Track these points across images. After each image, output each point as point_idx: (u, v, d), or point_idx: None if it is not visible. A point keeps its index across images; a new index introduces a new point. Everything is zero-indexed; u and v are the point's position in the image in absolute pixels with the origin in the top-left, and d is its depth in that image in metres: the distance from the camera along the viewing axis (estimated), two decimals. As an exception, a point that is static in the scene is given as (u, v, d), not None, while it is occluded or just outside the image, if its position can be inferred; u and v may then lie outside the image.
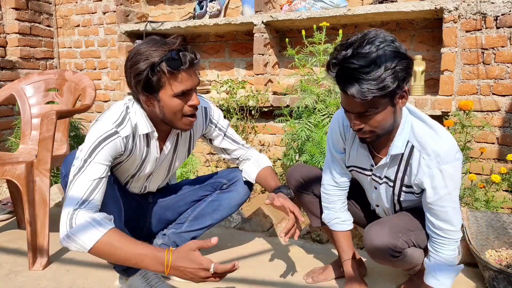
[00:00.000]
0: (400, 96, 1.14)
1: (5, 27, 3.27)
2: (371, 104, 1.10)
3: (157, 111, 1.29)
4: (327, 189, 1.48)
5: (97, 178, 1.20)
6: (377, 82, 1.05)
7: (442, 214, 1.21)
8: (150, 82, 1.21)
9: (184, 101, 1.27)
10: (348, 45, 1.10)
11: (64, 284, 1.60)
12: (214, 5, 2.72)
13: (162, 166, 1.51)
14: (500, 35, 2.10)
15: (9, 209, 2.37)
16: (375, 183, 1.37)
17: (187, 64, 1.22)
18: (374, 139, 1.21)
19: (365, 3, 2.52)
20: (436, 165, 1.17)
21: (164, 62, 1.19)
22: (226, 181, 1.65)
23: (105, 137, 1.23)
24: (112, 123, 1.26)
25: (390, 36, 1.10)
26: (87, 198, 1.17)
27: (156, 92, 1.24)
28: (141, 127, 1.33)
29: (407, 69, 1.09)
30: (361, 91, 1.06)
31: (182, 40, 1.24)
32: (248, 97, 2.56)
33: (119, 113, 1.30)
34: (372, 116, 1.13)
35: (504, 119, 2.14)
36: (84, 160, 1.20)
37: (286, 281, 1.62)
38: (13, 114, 3.25)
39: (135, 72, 1.21)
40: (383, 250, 1.26)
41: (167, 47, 1.20)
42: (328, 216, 1.50)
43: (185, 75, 1.23)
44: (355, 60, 1.06)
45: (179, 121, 1.31)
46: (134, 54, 1.23)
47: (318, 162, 2.00)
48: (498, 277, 1.42)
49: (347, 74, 1.08)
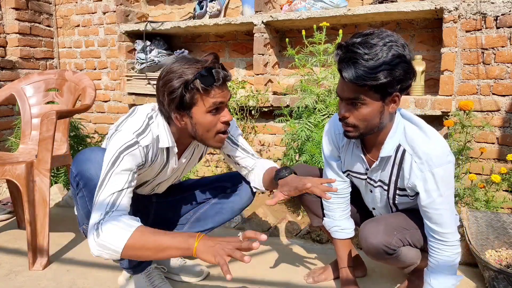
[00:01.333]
0: (392, 99, 1.16)
1: (5, 27, 3.27)
2: (361, 91, 1.13)
3: (189, 129, 1.29)
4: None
5: (118, 190, 1.18)
6: (372, 71, 1.09)
7: (436, 217, 1.21)
8: (184, 99, 1.22)
9: (217, 118, 1.28)
10: (362, 35, 1.14)
11: (64, 284, 1.60)
12: (214, 5, 2.72)
13: (175, 174, 1.53)
14: (500, 35, 2.10)
15: (9, 209, 2.37)
16: (370, 186, 1.38)
17: (220, 81, 1.23)
18: (356, 135, 1.23)
19: (365, 3, 2.52)
20: (428, 168, 1.18)
21: (198, 79, 1.20)
22: (230, 185, 1.63)
23: (126, 147, 1.21)
24: (133, 132, 1.24)
25: (403, 40, 1.14)
26: (110, 209, 1.15)
27: (189, 109, 1.24)
28: (163, 140, 1.32)
29: (405, 73, 1.12)
30: (355, 75, 1.10)
31: (214, 58, 1.25)
32: (248, 97, 2.56)
33: (141, 122, 1.28)
34: (359, 107, 1.16)
35: (504, 119, 2.14)
36: (106, 172, 1.19)
37: (286, 281, 1.62)
38: (13, 114, 3.25)
39: (169, 90, 1.21)
40: (377, 247, 1.27)
41: (200, 65, 1.22)
42: (328, 223, 1.51)
43: (217, 91, 1.23)
44: (360, 46, 1.11)
45: (211, 139, 1.31)
46: (166, 72, 1.23)
47: (318, 162, 2.00)
48: (498, 277, 1.42)
49: (348, 57, 1.12)
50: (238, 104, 2.57)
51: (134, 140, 1.23)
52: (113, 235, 1.10)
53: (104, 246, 1.11)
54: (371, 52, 1.09)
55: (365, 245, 1.30)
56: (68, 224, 2.24)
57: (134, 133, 1.24)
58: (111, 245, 1.10)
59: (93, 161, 1.27)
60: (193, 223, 1.65)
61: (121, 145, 1.21)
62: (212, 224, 1.64)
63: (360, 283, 1.59)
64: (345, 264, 1.50)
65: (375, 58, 1.09)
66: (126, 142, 1.22)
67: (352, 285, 1.48)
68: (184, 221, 1.68)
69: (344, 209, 1.49)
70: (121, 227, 1.11)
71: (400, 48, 1.11)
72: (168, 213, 1.69)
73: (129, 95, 3.05)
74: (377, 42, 1.10)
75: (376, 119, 1.18)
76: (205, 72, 1.20)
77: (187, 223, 1.66)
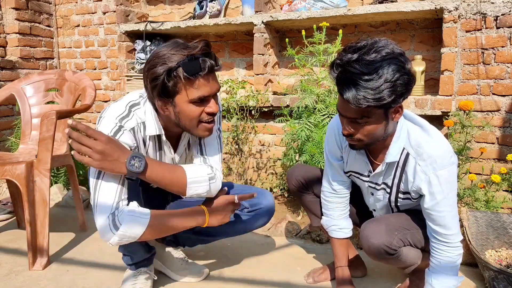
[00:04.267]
0: (395, 110, 1.14)
1: (5, 27, 3.27)
2: (364, 112, 1.10)
3: (172, 117, 1.25)
4: (326, 195, 1.49)
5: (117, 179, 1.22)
6: (374, 92, 1.05)
7: (439, 219, 1.21)
8: (166, 87, 1.17)
9: (201, 108, 1.23)
10: (356, 49, 1.09)
11: (64, 284, 1.60)
12: (214, 5, 2.72)
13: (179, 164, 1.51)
14: (500, 35, 2.10)
15: (9, 209, 2.37)
16: (372, 189, 1.38)
17: (205, 70, 1.17)
18: (361, 147, 1.22)
19: (365, 3, 2.52)
20: (432, 171, 1.17)
21: (181, 67, 1.14)
22: (248, 206, 1.56)
23: (113, 133, 1.22)
24: (116, 117, 1.24)
25: (399, 49, 1.10)
26: (119, 199, 1.23)
27: (172, 97, 1.20)
28: (149, 128, 1.30)
29: (407, 85, 1.09)
30: (357, 98, 1.06)
31: (204, 45, 1.19)
32: (248, 97, 2.56)
33: (124, 106, 1.27)
34: (363, 125, 1.13)
35: (504, 119, 2.14)
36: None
37: (286, 281, 1.62)
38: (13, 114, 3.25)
39: (152, 76, 1.17)
40: (378, 248, 1.27)
41: (187, 52, 1.16)
42: (326, 222, 1.51)
43: (202, 81, 1.18)
44: (357, 65, 1.06)
45: (195, 128, 1.26)
46: (153, 56, 1.19)
47: (318, 162, 2.00)
48: (498, 277, 1.42)
49: (346, 78, 1.08)
50: (238, 104, 2.57)
51: (118, 125, 1.23)
52: (132, 225, 1.22)
53: (124, 236, 1.22)
54: (370, 71, 1.05)
55: (366, 245, 1.30)
56: (68, 224, 2.24)
57: (117, 118, 1.24)
58: (132, 233, 1.22)
59: None
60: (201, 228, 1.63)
61: (107, 133, 1.21)
62: (220, 236, 1.63)
63: (360, 283, 1.59)
64: (342, 264, 1.49)
65: (375, 78, 1.05)
66: (112, 129, 1.23)
67: (348, 285, 1.48)
68: None
69: (343, 208, 1.49)
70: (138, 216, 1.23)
71: (398, 59, 1.07)
72: None
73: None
74: (374, 58, 1.06)
75: (381, 132, 1.17)
76: (189, 60, 1.14)
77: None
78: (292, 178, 1.61)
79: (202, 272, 1.64)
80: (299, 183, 1.60)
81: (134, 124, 1.27)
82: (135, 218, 1.22)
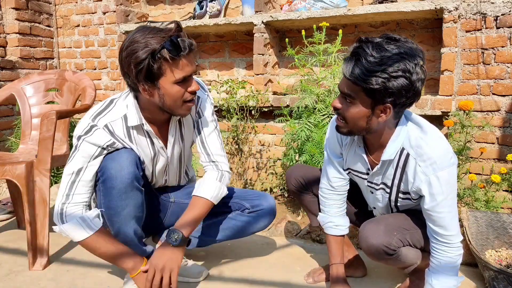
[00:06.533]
0: (383, 109, 1.13)
1: (5, 27, 3.27)
2: (353, 89, 1.13)
3: (156, 100, 1.27)
4: (324, 192, 1.49)
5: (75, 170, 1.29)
6: (367, 73, 1.07)
7: (439, 220, 1.21)
8: (151, 70, 1.19)
9: (184, 88, 1.27)
10: (385, 37, 1.12)
11: (64, 284, 1.60)
12: (214, 5, 2.72)
13: (174, 156, 1.52)
14: (500, 35, 2.10)
15: (9, 209, 2.37)
16: (372, 188, 1.38)
17: (187, 50, 1.21)
18: (345, 131, 1.24)
19: (365, 3, 2.52)
20: (433, 172, 1.17)
21: (165, 48, 1.17)
22: (250, 207, 1.59)
23: (84, 133, 1.30)
24: (89, 117, 1.31)
25: (421, 58, 1.09)
26: (68, 194, 1.31)
27: (157, 80, 1.22)
28: (131, 119, 1.34)
29: (402, 90, 1.08)
30: (350, 71, 1.10)
31: (177, 26, 1.22)
32: (248, 97, 2.56)
33: (101, 104, 1.34)
34: (349, 104, 1.17)
35: (504, 119, 2.14)
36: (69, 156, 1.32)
37: (286, 281, 1.62)
38: (13, 114, 3.25)
39: (135, 61, 1.18)
40: (377, 248, 1.27)
41: (164, 34, 1.19)
42: (322, 218, 1.51)
43: (185, 61, 1.22)
44: (371, 46, 1.09)
45: (179, 108, 1.31)
46: (130, 42, 1.20)
47: (318, 162, 2.00)
48: (498, 277, 1.42)
49: (356, 52, 1.11)
50: (238, 104, 2.57)
51: (90, 124, 1.30)
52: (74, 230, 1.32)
53: (64, 233, 1.33)
54: (378, 56, 1.07)
55: (366, 246, 1.30)
56: (68, 224, 2.24)
57: (90, 117, 1.31)
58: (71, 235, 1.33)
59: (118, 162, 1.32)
60: (202, 229, 1.64)
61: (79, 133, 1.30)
62: (221, 238, 1.64)
63: (360, 283, 1.59)
64: (336, 261, 1.48)
65: (378, 63, 1.06)
66: (83, 129, 1.30)
67: (342, 283, 1.46)
68: None
69: (339, 205, 1.49)
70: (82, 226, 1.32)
71: (411, 65, 1.07)
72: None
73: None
74: (391, 49, 1.07)
75: (361, 122, 1.17)
76: (171, 41, 1.17)
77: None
78: (292, 178, 1.61)
79: (202, 272, 1.64)
80: (298, 183, 1.60)
81: (109, 120, 1.31)
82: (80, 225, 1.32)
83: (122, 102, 1.34)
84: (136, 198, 1.36)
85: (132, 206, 1.35)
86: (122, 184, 1.30)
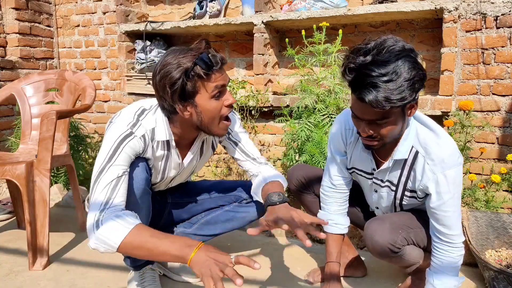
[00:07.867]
0: (411, 105, 1.13)
1: (5, 27, 3.26)
2: (384, 113, 1.08)
3: (194, 118, 1.28)
4: (326, 190, 1.49)
5: (115, 178, 1.20)
6: (396, 92, 1.03)
7: (444, 219, 1.21)
8: (186, 88, 1.20)
9: (221, 102, 1.28)
10: (367, 51, 1.07)
11: (64, 284, 1.60)
12: (214, 5, 2.72)
13: (185, 170, 1.53)
14: (500, 35, 2.10)
15: (9, 209, 2.37)
16: (376, 186, 1.37)
17: (219, 64, 1.23)
18: (380, 146, 1.20)
19: (365, 3, 2.52)
20: (441, 170, 1.17)
21: (198, 65, 1.19)
22: (247, 197, 1.63)
23: (122, 138, 1.23)
24: (127, 124, 1.26)
25: (408, 45, 1.08)
26: (109, 199, 1.17)
27: (193, 98, 1.23)
28: (159, 133, 1.32)
29: (422, 80, 1.08)
30: (379, 100, 1.04)
31: (206, 43, 1.24)
32: (248, 97, 2.56)
33: (133, 114, 1.29)
34: (383, 125, 1.12)
35: (504, 119, 2.14)
36: (104, 164, 1.20)
37: (286, 281, 1.62)
38: (13, 114, 3.25)
39: (170, 82, 1.19)
40: (382, 246, 1.27)
41: (194, 52, 1.21)
42: (322, 216, 1.50)
43: (218, 75, 1.24)
44: (374, 67, 1.04)
45: (216, 126, 1.31)
46: (162, 65, 1.22)
47: (318, 162, 2.00)
48: (498, 277, 1.42)
49: (365, 81, 1.05)
50: (238, 104, 2.57)
51: (129, 131, 1.25)
52: (112, 230, 1.11)
53: (102, 241, 1.11)
54: (388, 72, 1.03)
55: (371, 244, 1.30)
56: (68, 224, 2.24)
57: (127, 124, 1.26)
58: (109, 239, 1.11)
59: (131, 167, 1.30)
60: (202, 225, 1.65)
61: (117, 137, 1.23)
62: (221, 230, 1.65)
63: (360, 283, 1.59)
64: (331, 259, 1.47)
65: (394, 78, 1.03)
66: (121, 133, 1.24)
67: (334, 281, 1.46)
68: (194, 220, 1.69)
69: (340, 204, 1.48)
70: (121, 223, 1.12)
71: (410, 55, 1.06)
72: (182, 214, 1.71)
73: (129, 95, 3.05)
74: (388, 57, 1.04)
75: (399, 129, 1.17)
76: (203, 57, 1.19)
77: (196, 224, 1.67)
78: (293, 178, 1.61)
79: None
80: (299, 183, 1.60)
81: (143, 132, 1.28)
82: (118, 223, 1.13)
83: (151, 116, 1.32)
84: (147, 202, 1.38)
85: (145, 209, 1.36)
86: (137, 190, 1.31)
